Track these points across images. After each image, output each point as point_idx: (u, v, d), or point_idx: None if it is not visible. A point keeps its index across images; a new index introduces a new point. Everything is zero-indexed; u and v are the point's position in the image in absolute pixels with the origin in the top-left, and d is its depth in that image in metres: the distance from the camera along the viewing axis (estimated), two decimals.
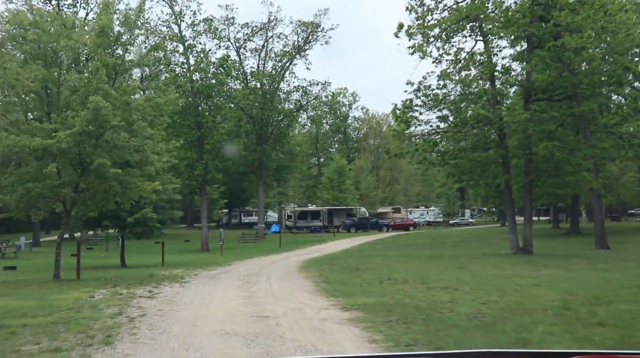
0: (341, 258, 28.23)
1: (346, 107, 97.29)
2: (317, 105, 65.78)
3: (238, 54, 57.13)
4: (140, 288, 14.97)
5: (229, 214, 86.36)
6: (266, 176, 60.31)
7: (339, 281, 15.61)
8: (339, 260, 27.09)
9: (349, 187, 75.45)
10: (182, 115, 42.87)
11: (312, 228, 70.74)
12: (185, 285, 16.04)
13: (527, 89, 24.36)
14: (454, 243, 43.19)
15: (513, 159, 26.13)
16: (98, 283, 16.28)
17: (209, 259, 32.47)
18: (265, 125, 57.37)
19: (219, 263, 28.39)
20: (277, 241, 47.53)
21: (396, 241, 47.21)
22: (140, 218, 24.95)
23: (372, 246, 42.80)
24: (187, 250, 45.47)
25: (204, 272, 21.85)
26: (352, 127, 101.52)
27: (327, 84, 59.88)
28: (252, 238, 53.85)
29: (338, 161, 76.72)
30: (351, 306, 11.08)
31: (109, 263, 29.38)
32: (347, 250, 39.27)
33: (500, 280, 14.97)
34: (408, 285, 14.18)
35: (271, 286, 15.09)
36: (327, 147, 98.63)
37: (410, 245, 43.62)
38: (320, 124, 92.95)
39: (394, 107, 26.25)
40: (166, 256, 37.12)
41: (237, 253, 37.57)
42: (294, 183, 78.63)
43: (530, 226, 26.66)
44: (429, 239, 47.88)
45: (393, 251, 36.19)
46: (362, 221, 70.58)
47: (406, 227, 70.62)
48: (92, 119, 15.46)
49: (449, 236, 49.40)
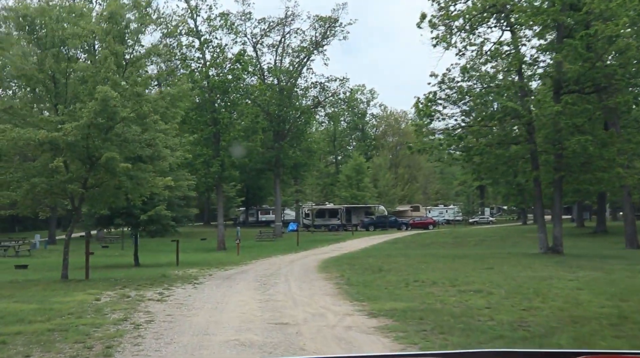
0: (361, 258, 27.21)
1: (364, 105, 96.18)
2: (335, 102, 64.81)
3: (255, 50, 56.32)
4: (150, 289, 14.08)
5: (246, 212, 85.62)
6: (283, 174, 59.44)
7: (361, 283, 14.60)
8: (359, 259, 26.08)
9: (367, 185, 74.36)
10: (197, 111, 42.12)
11: (330, 227, 69.74)
12: (198, 286, 15.14)
13: (557, 80, 23.14)
14: (476, 242, 41.96)
15: (542, 154, 24.89)
16: (107, 284, 15.43)
17: (225, 258, 31.64)
18: (283, 122, 56.45)
19: (235, 262, 27.53)
20: (295, 239, 46.62)
21: (416, 240, 46.07)
22: (154, 215, 24.13)
23: (392, 245, 41.71)
24: (204, 248, 44.72)
25: (219, 272, 20.97)
26: (370, 125, 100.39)
27: (345, 80, 58.91)
28: (269, 236, 53.02)
29: (356, 159, 75.65)
30: (378, 312, 10.09)
31: (123, 262, 28.62)
32: (366, 248, 38.25)
33: (535, 282, 13.86)
34: (437, 288, 13.15)
35: (290, 288, 14.13)
36: (344, 145, 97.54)
37: (431, 243, 42.47)
38: (337, 121, 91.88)
39: (417, 101, 25.16)
40: (182, 255, 36.36)
41: (254, 252, 36.72)
42: (311, 181, 77.65)
43: (560, 225, 25.44)
44: (450, 238, 46.66)
45: (415, 250, 35.10)
46: (380, 219, 69.43)
47: (425, 226, 69.35)
48: (101, 110, 14.60)
49: (470, 235, 48.15)
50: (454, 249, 36.15)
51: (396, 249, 37.40)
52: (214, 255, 36.29)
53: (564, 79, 22.67)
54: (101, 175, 16.35)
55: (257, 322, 9.46)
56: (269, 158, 57.30)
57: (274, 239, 52.02)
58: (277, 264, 25.61)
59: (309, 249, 39.15)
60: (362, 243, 44.23)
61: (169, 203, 24.98)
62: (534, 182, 25.54)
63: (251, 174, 61.50)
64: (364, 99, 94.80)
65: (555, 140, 23.14)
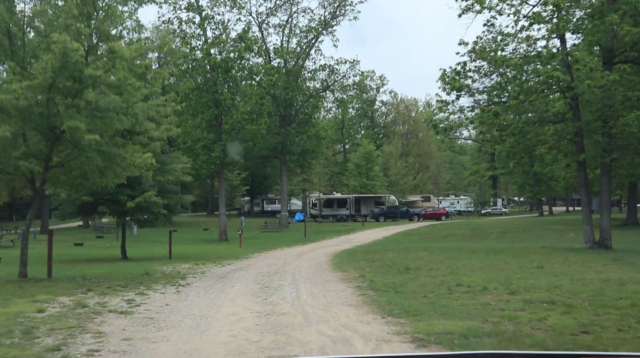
0: (378, 252, 24.14)
1: (373, 91, 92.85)
2: (344, 87, 61.58)
3: (260, 30, 53.14)
4: (120, 294, 11.07)
5: (251, 202, 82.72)
6: (290, 161, 56.35)
7: (390, 287, 11.47)
8: (375, 253, 23.02)
9: (377, 174, 71.20)
10: (198, 92, 39.04)
11: (338, 217, 66.70)
12: (183, 289, 12.10)
13: (609, 49, 19.90)
14: (497, 235, 38.77)
15: (589, 134, 21.57)
16: (69, 286, 12.38)
17: (225, 250, 28.66)
18: (289, 106, 53.29)
19: (235, 255, 24.53)
20: (302, 230, 43.65)
21: (432, 232, 42.94)
22: (143, 202, 21.06)
23: (407, 237, 38.62)
24: (204, 239, 41.74)
25: (215, 268, 17.94)
26: (380, 113, 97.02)
27: (355, 63, 55.60)
28: (274, 227, 50.00)
29: (366, 146, 72.46)
30: (427, 335, 7.00)
31: (110, 256, 25.60)
32: (379, 241, 35.22)
33: (613, 287, 10.74)
34: (491, 296, 10.03)
35: (298, 294, 11.07)
36: (353, 133, 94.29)
37: (449, 236, 39.33)
38: (346, 107, 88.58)
39: (443, 73, 21.93)
40: (179, 247, 33.42)
41: (258, 244, 33.74)
42: (318, 169, 74.54)
43: (608, 217, 22.17)
44: (468, 229, 43.50)
45: (433, 243, 32.00)
46: (391, 209, 66.34)
47: (438, 216, 66.32)
48: (60, 67, 11.52)
49: (488, 227, 44.95)
50: (476, 242, 33.01)
51: (412, 241, 34.35)
52: (214, 246, 33.28)
53: (618, 45, 19.43)
54: (67, 151, 13.26)
55: (252, 354, 6.39)
56: (274, 144, 54.20)
57: (280, 230, 49.02)
58: (282, 258, 22.59)
59: (317, 241, 36.18)
60: (373, 235, 41.21)
61: (160, 189, 21.92)
62: (579, 167, 22.24)
63: (256, 161, 58.45)
64: (374, 85, 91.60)
65: (606, 117, 19.89)
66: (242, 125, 38.95)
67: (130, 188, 21.63)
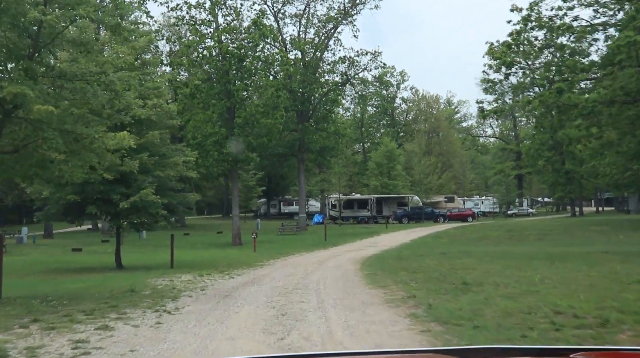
0: (412, 258, 20.77)
1: (394, 88, 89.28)
2: (364, 82, 58.28)
3: (276, 19, 49.90)
4: (73, 328, 7.79)
5: (268, 203, 79.52)
6: (308, 160, 53.00)
7: (461, 317, 7.97)
8: (411, 260, 19.65)
9: (399, 173, 67.66)
10: (209, 83, 35.88)
11: (359, 219, 63.25)
12: (167, 318, 8.78)
13: None
14: (536, 237, 35.13)
15: None
16: (14, 313, 9.09)
17: (237, 256, 25.44)
18: (307, 101, 49.99)
19: (248, 262, 21.27)
20: (321, 233, 40.37)
21: (463, 234, 39.39)
22: (139, 202, 17.81)
23: (437, 240, 35.16)
24: (217, 243, 38.58)
25: (220, 282, 14.66)
26: (400, 111, 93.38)
27: (377, 54, 52.11)
28: (292, 229, 46.73)
29: (387, 144, 68.94)
30: None
31: (105, 263, 22.38)
32: (408, 244, 31.83)
33: None
34: (625, 336, 6.60)
35: (329, 329, 7.69)
36: (372, 132, 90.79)
37: (483, 238, 35.78)
38: (366, 104, 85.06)
39: (490, 47, 18.54)
40: (187, 252, 30.22)
41: (274, 249, 30.50)
42: (338, 169, 71.16)
43: None
44: (502, 231, 39.88)
45: (470, 246, 28.51)
46: (415, 211, 62.76)
47: (464, 218, 62.67)
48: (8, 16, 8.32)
49: (523, 228, 41.25)
50: (517, 245, 29.43)
51: (445, 245, 30.92)
52: (225, 251, 30.08)
53: None
54: (20, 130, 10.04)
55: None
56: (291, 142, 50.92)
57: (298, 232, 45.74)
58: (302, 267, 19.28)
59: (338, 244, 32.89)
60: (399, 237, 37.81)
61: (159, 186, 18.67)
62: None
63: (272, 160, 55.23)
64: (394, 81, 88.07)
65: None
66: (257, 119, 35.71)
67: (124, 184, 18.44)
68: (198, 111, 36.17)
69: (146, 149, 18.42)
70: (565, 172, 65.47)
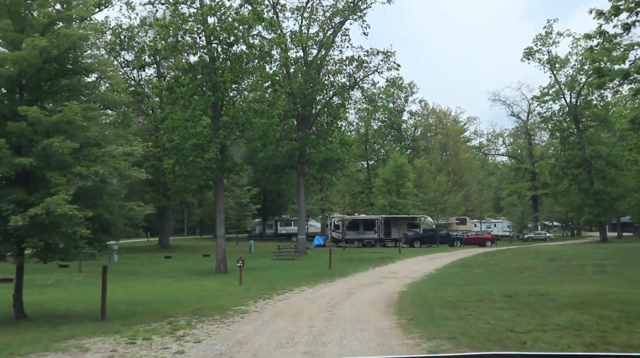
0: (465, 303, 13.95)
1: (401, 101, 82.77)
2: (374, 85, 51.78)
3: (275, 11, 43.39)
4: None
5: (263, 223, 72.49)
6: (309, 174, 46.16)
7: None
8: (466, 307, 12.89)
9: (410, 190, 60.85)
10: (192, 73, 29.21)
11: (364, 242, 56.27)
12: None
13: None
14: (594, 269, 28.12)
15: None
16: None
17: (214, 293, 18.55)
18: (309, 104, 43.32)
19: (225, 306, 14.47)
20: (324, 258, 33.71)
21: (497, 263, 32.51)
22: (42, 215, 10.91)
23: (469, 271, 28.29)
24: (198, 270, 31.59)
25: None
26: (407, 125, 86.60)
27: (389, 55, 45.50)
28: (290, 253, 39.76)
29: (396, 159, 62.24)
30: None
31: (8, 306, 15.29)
32: (435, 276, 25.17)
33: None
34: None
35: None
36: (378, 148, 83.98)
37: (526, 269, 28.84)
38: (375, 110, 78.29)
39: None
40: (149, 285, 23.33)
41: (266, 280, 23.72)
42: (340, 187, 64.41)
43: None
44: (544, 260, 32.99)
45: (523, 282, 21.59)
46: (428, 233, 55.87)
47: (482, 242, 55.87)
48: None
49: (568, 258, 34.35)
50: (589, 282, 22.41)
51: (484, 278, 24.07)
52: (203, 283, 23.11)
53: None
54: None
55: None
56: (290, 152, 44.15)
57: (296, 257, 38.77)
58: (304, 317, 12.52)
59: (347, 274, 26.10)
60: (420, 266, 31.04)
61: (80, 192, 11.79)
62: None
63: (268, 173, 48.27)
64: (402, 94, 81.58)
65: None
66: (248, 117, 28.97)
67: (23, 187, 11.62)
68: (177, 109, 29.44)
69: (61, 131, 11.61)
70: (594, 192, 58.76)
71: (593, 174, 59.62)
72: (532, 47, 61.20)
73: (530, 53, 61.47)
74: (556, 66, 60.97)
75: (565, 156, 60.28)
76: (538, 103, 64.06)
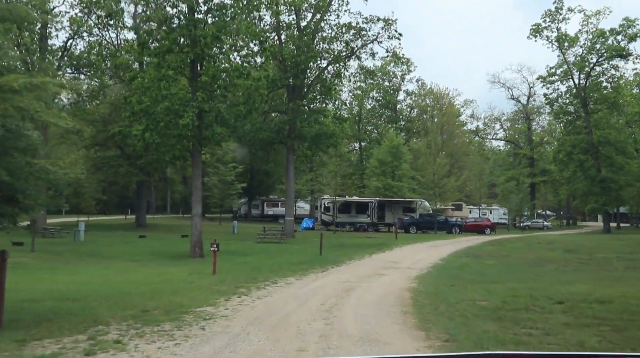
0: (506, 309, 10.27)
1: (397, 80, 78.81)
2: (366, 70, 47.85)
3: None
4: None
5: (249, 203, 68.49)
6: (299, 150, 42.24)
7: None
8: (523, 319, 9.25)
9: (406, 172, 57.12)
10: (168, 27, 25.14)
11: (356, 225, 52.57)
12: None
13: None
14: (623, 264, 24.53)
15: None
16: None
17: (179, 285, 14.73)
18: (302, 73, 39.30)
19: (185, 306, 10.77)
20: (313, 242, 30.26)
21: (509, 253, 28.92)
22: None
23: (480, 262, 24.68)
24: (171, 253, 27.70)
25: None
26: (403, 106, 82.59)
27: (390, 23, 41.46)
28: (276, 236, 35.88)
29: (392, 140, 58.41)
30: None
31: None
32: (443, 266, 21.71)
33: None
34: None
35: None
36: (371, 129, 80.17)
37: (545, 262, 25.25)
38: (365, 97, 74.64)
39: None
40: (114, 269, 19.65)
41: (247, 267, 20.11)
42: (332, 167, 60.58)
43: None
44: (560, 252, 29.47)
45: (556, 282, 17.83)
46: (425, 218, 52.22)
47: (481, 229, 52.52)
48: None
49: (587, 249, 30.87)
50: (621, 281, 18.70)
51: (504, 271, 20.44)
52: (169, 271, 19.18)
53: None
54: None
55: None
56: (279, 125, 40.17)
57: (283, 240, 34.94)
58: (290, 330, 8.74)
59: (341, 263, 22.44)
60: (421, 254, 27.53)
61: None
62: None
63: (254, 148, 44.08)
64: (398, 72, 77.68)
65: None
66: (231, 78, 24.97)
67: None
68: (149, 67, 25.38)
69: None
70: (601, 180, 55.23)
71: (600, 160, 56.05)
72: (540, 24, 57.25)
73: (537, 30, 57.53)
74: (565, 44, 57.09)
75: (571, 141, 56.61)
76: (544, 84, 60.09)
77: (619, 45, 53.28)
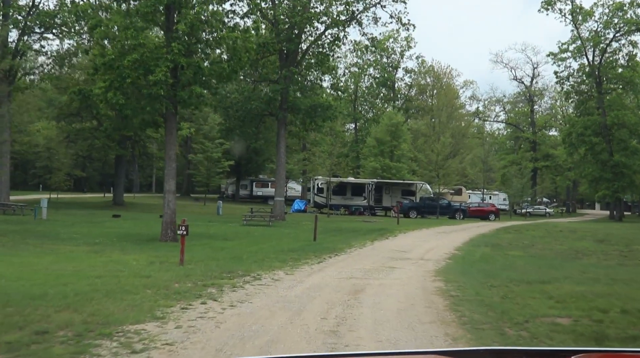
0: None
1: (397, 56, 74.58)
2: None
3: None
4: None
5: (237, 183, 64.41)
6: (292, 124, 38.21)
7: None
8: None
9: (406, 153, 53.23)
10: None
11: (352, 208, 48.80)
12: None
13: None
14: None
15: None
16: None
17: (126, 283, 10.71)
18: (297, 37, 35.14)
19: (117, 321, 6.63)
20: (305, 226, 26.79)
21: (532, 243, 25.09)
22: None
23: (504, 253, 20.95)
24: (140, 235, 23.68)
25: None
26: (403, 83, 78.32)
27: None
28: (264, 218, 31.91)
29: (392, 117, 54.42)
30: None
31: None
32: (462, 258, 18.35)
33: None
34: None
35: None
36: (367, 108, 76.22)
37: (580, 254, 21.47)
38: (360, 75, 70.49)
39: None
40: (62, 254, 15.72)
41: (226, 254, 16.35)
42: (325, 147, 56.70)
43: None
44: (590, 241, 25.79)
45: (613, 281, 14.01)
46: (426, 202, 48.47)
47: (485, 215, 49.00)
48: None
49: (614, 238, 27.23)
50: None
51: (540, 265, 16.59)
52: (125, 259, 15.07)
53: None
54: None
55: None
56: (271, 95, 36.05)
57: (272, 223, 30.91)
58: None
59: (339, 251, 18.64)
60: (430, 242, 23.82)
61: None
62: None
63: (242, 120, 39.81)
64: (397, 48, 73.58)
65: None
66: (214, 28, 20.85)
67: None
68: (114, 14, 21.12)
69: None
70: (614, 165, 51.53)
71: (613, 144, 52.31)
72: None
73: (550, 2, 53.43)
74: (579, 18, 53.06)
75: (583, 122, 52.77)
76: (554, 61, 56.06)
77: (639, 19, 49.36)
